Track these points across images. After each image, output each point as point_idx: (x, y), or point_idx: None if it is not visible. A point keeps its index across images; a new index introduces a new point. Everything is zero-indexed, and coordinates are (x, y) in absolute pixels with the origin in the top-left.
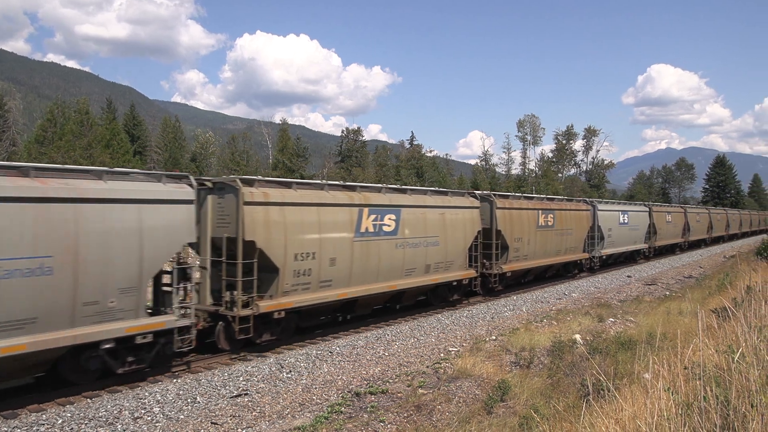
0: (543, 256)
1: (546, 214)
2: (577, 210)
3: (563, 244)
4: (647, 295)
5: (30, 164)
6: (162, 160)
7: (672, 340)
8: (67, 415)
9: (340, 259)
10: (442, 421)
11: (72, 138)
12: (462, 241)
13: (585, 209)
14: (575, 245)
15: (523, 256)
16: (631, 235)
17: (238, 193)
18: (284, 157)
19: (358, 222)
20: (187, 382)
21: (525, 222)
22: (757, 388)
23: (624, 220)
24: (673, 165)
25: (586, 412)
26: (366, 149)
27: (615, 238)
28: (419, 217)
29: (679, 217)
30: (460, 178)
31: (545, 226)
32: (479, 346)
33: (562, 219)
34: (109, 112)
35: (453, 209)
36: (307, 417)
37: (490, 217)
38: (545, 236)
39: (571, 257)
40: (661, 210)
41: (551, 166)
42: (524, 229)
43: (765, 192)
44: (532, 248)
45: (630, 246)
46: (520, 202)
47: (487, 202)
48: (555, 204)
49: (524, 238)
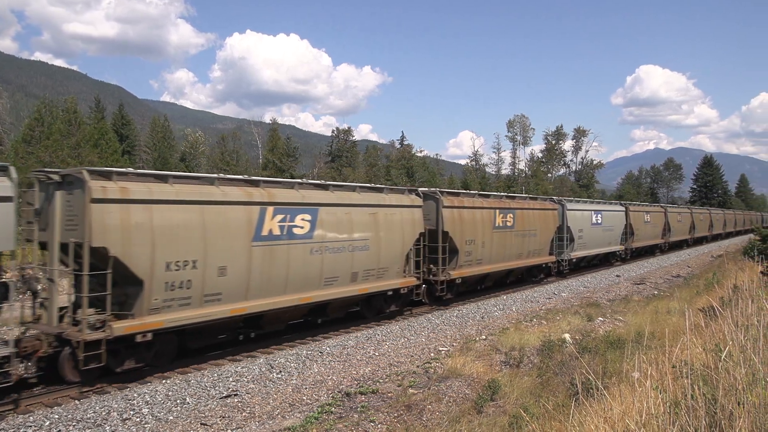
0: (501, 260)
1: (504, 213)
2: (542, 209)
3: (526, 246)
4: (636, 294)
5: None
6: (151, 159)
7: (660, 339)
8: (55, 417)
9: (234, 267)
10: (433, 421)
11: (60, 137)
12: (399, 245)
13: (551, 208)
14: (540, 248)
15: (477, 261)
16: (605, 236)
17: (85, 187)
18: (274, 157)
19: (260, 223)
20: (176, 382)
21: (479, 222)
22: (743, 386)
23: (597, 221)
24: (662, 165)
25: (575, 411)
26: (356, 149)
27: (587, 240)
28: (343, 217)
29: (659, 218)
30: (451, 178)
31: (503, 227)
32: (469, 346)
33: (524, 219)
34: (98, 111)
35: (389, 208)
36: (297, 417)
37: (436, 218)
38: (504, 238)
39: (535, 261)
40: (639, 210)
41: (541, 167)
42: (478, 231)
43: (752, 192)
44: (488, 252)
45: (604, 248)
46: (473, 201)
47: (432, 200)
48: (516, 203)
49: (478, 240)
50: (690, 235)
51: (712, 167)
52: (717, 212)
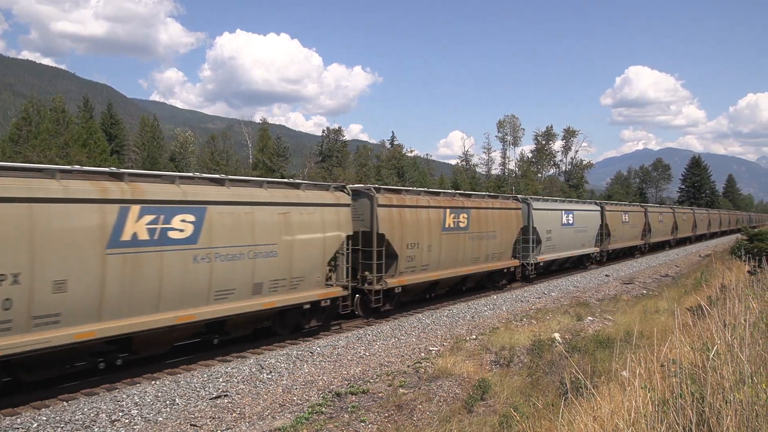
0: (453, 265)
1: (456, 213)
2: (503, 209)
3: (483, 250)
4: (625, 293)
5: None
6: (140, 159)
7: (649, 338)
8: (43, 419)
9: (78, 282)
10: (423, 421)
11: (48, 137)
12: (319, 251)
13: (514, 208)
14: (501, 251)
15: (422, 267)
16: (578, 237)
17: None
18: (264, 157)
19: (119, 226)
20: (165, 383)
21: (424, 223)
22: (731, 384)
23: (568, 221)
24: (650, 165)
25: (565, 410)
26: (347, 149)
27: (556, 242)
28: (242, 218)
29: (639, 218)
30: (441, 178)
31: (455, 228)
32: (460, 346)
33: (480, 219)
34: (86, 110)
35: (305, 207)
36: (287, 418)
37: (371, 218)
38: (456, 241)
39: (494, 266)
40: (617, 209)
41: (531, 167)
42: (423, 233)
43: (739, 192)
44: (436, 256)
45: (576, 250)
46: (417, 199)
47: (366, 197)
48: (471, 201)
49: (423, 243)
50: (672, 235)
51: (700, 167)
52: (701, 212)
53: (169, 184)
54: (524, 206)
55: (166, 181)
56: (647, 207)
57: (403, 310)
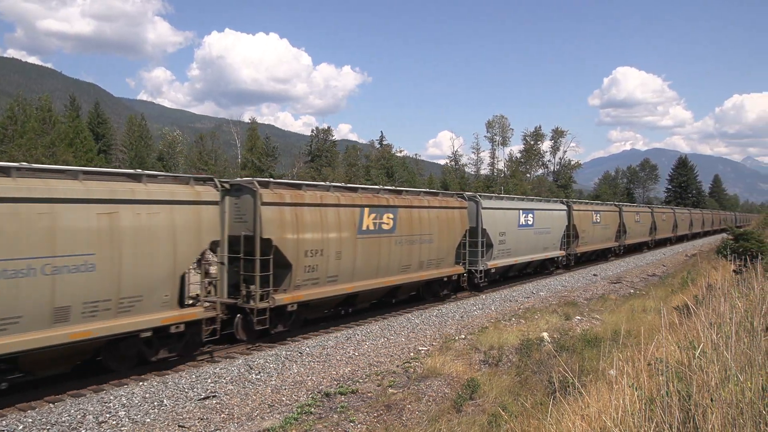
0: (375, 275)
1: (379, 213)
2: (443, 208)
3: (416, 256)
4: (613, 293)
5: None
6: (128, 159)
7: (636, 337)
8: (29, 421)
9: None
10: (412, 420)
11: (34, 136)
12: (167, 262)
13: (458, 207)
14: (440, 257)
15: (329, 278)
16: (540, 240)
17: None
18: (253, 157)
19: None
20: (153, 384)
21: (331, 225)
22: (716, 382)
23: (526, 221)
24: (638, 166)
25: (553, 409)
26: (336, 149)
27: (511, 245)
28: (32, 220)
29: (612, 217)
30: (430, 178)
31: (377, 230)
32: (449, 345)
33: (411, 220)
34: (73, 109)
35: (144, 205)
36: (276, 418)
37: (254, 219)
38: (377, 246)
39: (431, 274)
40: (587, 208)
41: (520, 167)
42: (329, 237)
43: (725, 192)
44: (348, 265)
45: (537, 254)
46: (319, 195)
47: (249, 194)
48: (400, 199)
49: (329, 250)
50: (650, 236)
51: (687, 168)
52: (682, 212)
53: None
54: (472, 205)
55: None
56: (622, 206)
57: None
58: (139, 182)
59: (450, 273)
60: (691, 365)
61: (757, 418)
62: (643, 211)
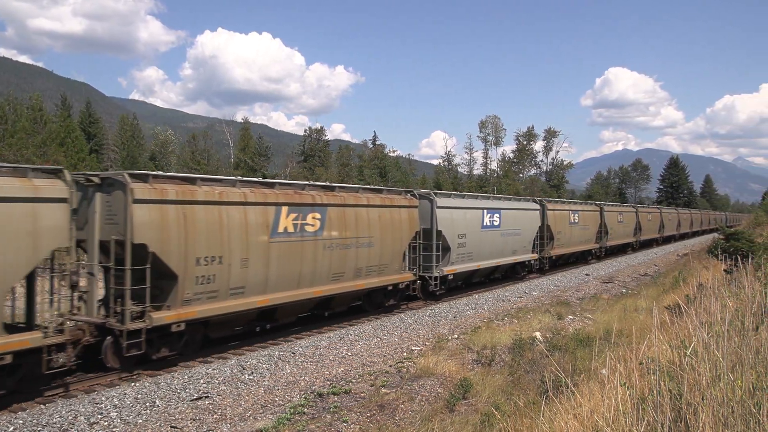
0: (296, 285)
1: (301, 213)
2: (388, 206)
3: (351, 262)
4: (605, 293)
5: None
6: (119, 158)
7: (628, 336)
8: (19, 422)
9: None
10: (405, 420)
11: (24, 136)
12: None
13: (407, 205)
14: (384, 263)
15: (232, 291)
16: (508, 242)
17: None
18: (246, 157)
19: None
20: (145, 385)
21: (236, 228)
22: (707, 381)
23: (492, 222)
24: (630, 166)
25: (545, 409)
26: (329, 149)
27: (473, 248)
28: None
29: (592, 218)
30: (423, 178)
31: (299, 233)
32: (442, 345)
33: (346, 221)
34: (64, 109)
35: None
36: (269, 419)
37: (124, 220)
38: (299, 252)
39: (370, 283)
40: (563, 208)
41: (512, 167)
42: (232, 241)
43: (716, 192)
44: (259, 275)
45: (505, 258)
46: (219, 192)
47: (119, 189)
48: (329, 196)
49: (231, 257)
50: (635, 237)
51: (678, 168)
52: (669, 212)
53: None
54: (425, 204)
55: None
56: (603, 205)
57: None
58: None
59: (396, 281)
60: (682, 364)
61: (747, 416)
62: (627, 210)
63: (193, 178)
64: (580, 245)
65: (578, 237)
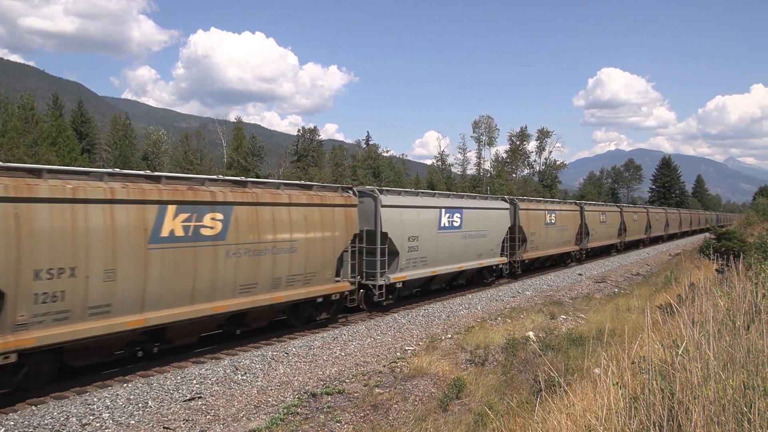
0: (185, 300)
1: (198, 213)
2: (317, 205)
3: (266, 271)
4: (597, 292)
5: None
6: (112, 158)
7: (620, 335)
8: (10, 424)
9: None
10: (399, 420)
11: (16, 135)
12: None
13: (343, 204)
14: (312, 271)
15: (92, 310)
16: (471, 245)
17: None
18: (239, 156)
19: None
20: (138, 386)
21: (98, 231)
22: (699, 380)
23: (451, 223)
24: (622, 166)
25: (539, 408)
26: (322, 149)
27: (428, 252)
28: None
29: (572, 218)
30: (416, 178)
31: (192, 237)
32: (435, 345)
33: (259, 222)
34: (56, 108)
35: None
36: (262, 419)
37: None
38: (192, 260)
39: (294, 294)
40: (538, 207)
41: (505, 167)
42: (94, 248)
43: (708, 192)
44: (132, 289)
45: (468, 262)
46: (72, 188)
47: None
48: (237, 193)
49: (91, 268)
50: (619, 238)
51: (670, 168)
52: (656, 211)
53: None
54: (369, 202)
55: None
56: (583, 205)
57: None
58: None
59: (328, 291)
60: (674, 363)
61: (738, 415)
62: (611, 210)
63: (39, 169)
64: (558, 247)
65: (555, 239)
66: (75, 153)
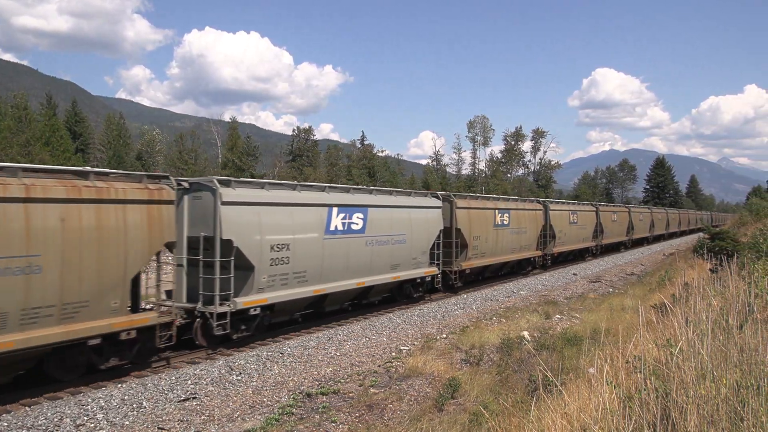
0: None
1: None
2: (99, 201)
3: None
4: (592, 292)
5: None
6: (106, 158)
7: (615, 335)
8: (4, 425)
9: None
10: (394, 420)
11: (9, 135)
12: None
13: (158, 200)
14: (81, 299)
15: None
16: (383, 253)
17: None
18: (234, 156)
19: None
20: (132, 386)
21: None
22: (693, 379)
23: (348, 225)
24: (617, 166)
25: (534, 407)
26: (317, 149)
27: (309, 265)
28: None
29: (533, 218)
30: (412, 178)
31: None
32: (430, 345)
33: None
34: (49, 107)
35: None
36: (257, 419)
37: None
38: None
39: (87, 326)
40: (485, 206)
41: (500, 167)
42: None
43: (701, 192)
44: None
45: (376, 276)
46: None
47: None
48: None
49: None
50: (595, 242)
51: (664, 168)
52: (640, 211)
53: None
54: (207, 196)
55: None
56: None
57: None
58: None
59: (118, 326)
60: (668, 363)
61: (732, 414)
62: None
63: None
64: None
65: (509, 243)
66: (69, 153)
